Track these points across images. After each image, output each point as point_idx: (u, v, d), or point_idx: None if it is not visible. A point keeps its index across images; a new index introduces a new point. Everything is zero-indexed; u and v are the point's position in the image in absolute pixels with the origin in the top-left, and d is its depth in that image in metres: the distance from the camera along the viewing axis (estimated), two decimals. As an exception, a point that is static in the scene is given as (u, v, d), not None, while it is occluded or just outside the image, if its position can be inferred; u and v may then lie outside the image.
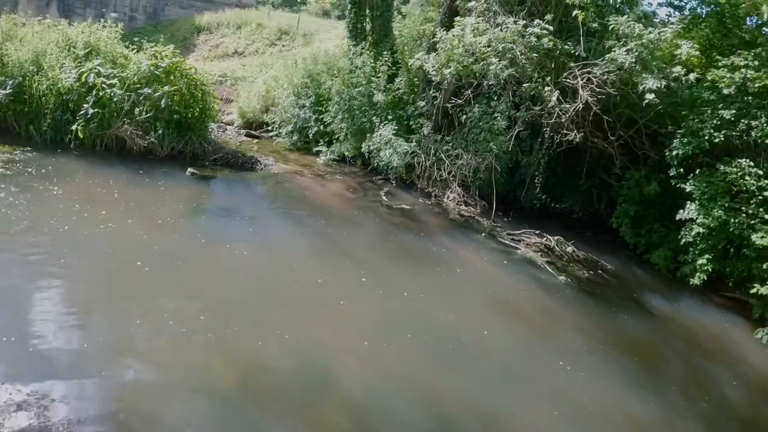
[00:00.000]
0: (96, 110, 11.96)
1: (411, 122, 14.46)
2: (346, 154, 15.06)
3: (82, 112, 11.92)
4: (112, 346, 6.23)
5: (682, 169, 10.90)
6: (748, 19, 12.77)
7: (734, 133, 10.71)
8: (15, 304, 6.65)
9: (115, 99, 12.07)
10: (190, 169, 12.11)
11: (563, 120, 11.81)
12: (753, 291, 9.75)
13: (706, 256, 10.35)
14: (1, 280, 7.11)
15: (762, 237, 9.71)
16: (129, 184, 10.85)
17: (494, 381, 6.97)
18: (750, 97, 10.81)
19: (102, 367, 5.84)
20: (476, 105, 13.13)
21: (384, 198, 12.98)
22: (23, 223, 8.46)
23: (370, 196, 13.12)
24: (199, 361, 6.27)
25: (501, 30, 11.87)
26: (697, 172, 10.82)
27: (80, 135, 11.95)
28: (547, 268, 10.47)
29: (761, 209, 10.13)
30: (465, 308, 8.68)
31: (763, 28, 13.34)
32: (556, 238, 11.46)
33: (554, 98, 11.69)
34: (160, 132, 12.47)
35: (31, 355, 5.80)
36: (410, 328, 7.76)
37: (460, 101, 13.37)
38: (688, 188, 10.69)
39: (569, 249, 11.34)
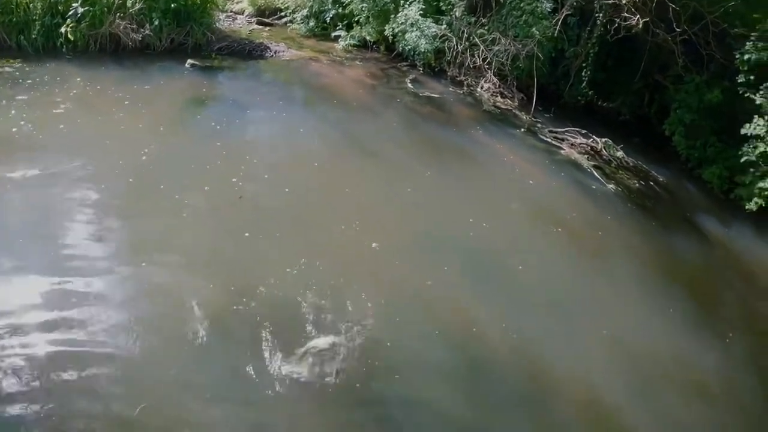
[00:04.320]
0: (86, 8, 10.94)
1: (441, 2, 12.88)
2: (368, 38, 13.69)
3: (71, 13, 10.89)
4: (132, 250, 6.06)
5: (752, 77, 9.37)
6: None
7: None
8: (38, 210, 6.47)
9: (105, -8, 10.90)
10: (189, 61, 11.26)
11: (623, 1, 10.25)
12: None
13: (769, 179, 9.00)
14: (20, 190, 6.79)
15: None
16: (125, 84, 9.94)
17: (534, 309, 6.11)
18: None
19: (125, 270, 5.79)
20: (519, -17, 11.48)
21: (409, 85, 11.79)
22: (27, 135, 7.91)
23: (393, 83, 11.93)
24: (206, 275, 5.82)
25: None
26: (769, 83, 9.26)
27: (71, 37, 10.94)
28: (595, 173, 9.41)
29: None
30: (501, 215, 7.69)
31: None
32: (603, 140, 10.29)
33: (614, -25, 10.09)
34: (156, 23, 11.52)
35: (61, 255, 5.81)
36: (438, 239, 6.85)
37: (500, -22, 11.71)
38: (759, 100, 9.15)
39: (619, 154, 10.19)
